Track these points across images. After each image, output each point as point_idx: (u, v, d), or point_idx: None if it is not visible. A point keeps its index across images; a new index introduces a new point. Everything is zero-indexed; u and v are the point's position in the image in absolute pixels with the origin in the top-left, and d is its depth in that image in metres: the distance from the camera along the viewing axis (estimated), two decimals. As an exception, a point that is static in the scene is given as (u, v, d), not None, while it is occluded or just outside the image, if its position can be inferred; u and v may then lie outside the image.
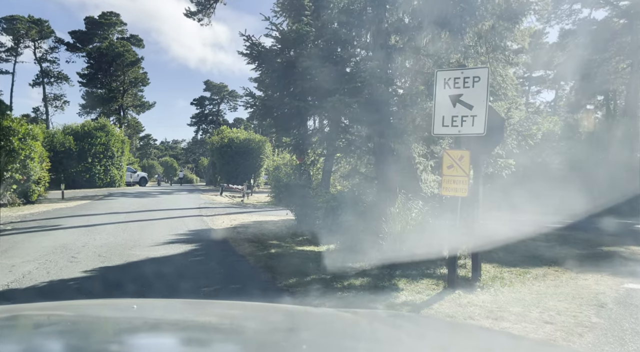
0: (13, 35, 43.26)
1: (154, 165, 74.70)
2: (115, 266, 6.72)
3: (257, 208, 18.78)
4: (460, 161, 5.24)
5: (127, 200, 21.08)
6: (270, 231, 11.17)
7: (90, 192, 26.56)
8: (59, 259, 7.12)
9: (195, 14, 22.11)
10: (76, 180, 29.22)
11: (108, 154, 31.10)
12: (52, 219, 12.81)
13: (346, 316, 1.82)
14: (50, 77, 46.62)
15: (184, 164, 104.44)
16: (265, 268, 6.65)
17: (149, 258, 7.35)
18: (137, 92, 42.67)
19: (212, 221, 13.22)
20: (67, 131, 29.71)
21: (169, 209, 16.67)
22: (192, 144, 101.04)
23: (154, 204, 18.80)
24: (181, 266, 6.97)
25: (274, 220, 13.63)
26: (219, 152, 35.43)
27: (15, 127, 15.29)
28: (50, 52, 46.09)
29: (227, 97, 62.45)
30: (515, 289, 5.64)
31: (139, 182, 44.87)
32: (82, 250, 7.89)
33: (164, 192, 30.26)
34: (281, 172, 22.98)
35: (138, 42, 44.69)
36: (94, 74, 41.03)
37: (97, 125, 31.28)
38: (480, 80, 5.12)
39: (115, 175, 32.20)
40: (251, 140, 35.17)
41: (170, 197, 24.36)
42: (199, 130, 66.29)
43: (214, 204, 20.44)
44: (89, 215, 13.79)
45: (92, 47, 40.53)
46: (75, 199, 20.66)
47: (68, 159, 28.73)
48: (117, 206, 17.22)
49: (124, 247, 8.29)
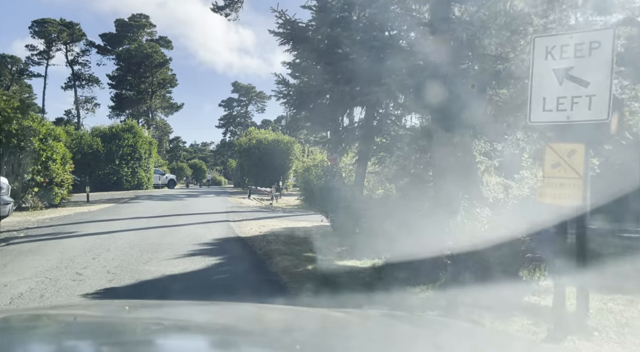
0: (45, 39, 43.79)
1: (183, 167, 74.99)
2: (124, 287, 5.61)
3: (287, 212, 17.62)
4: (570, 158, 3.85)
5: (152, 203, 20.29)
6: (304, 240, 9.94)
7: (117, 194, 26.04)
8: (61, 276, 6.07)
9: (223, 9, 21.14)
10: (104, 182, 28.83)
11: (135, 155, 30.64)
12: (70, 224, 11.96)
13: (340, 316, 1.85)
14: (81, 80, 46.98)
15: (213, 166, 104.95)
16: (306, 292, 5.40)
17: (164, 276, 6.22)
18: (165, 93, 42.42)
19: (239, 227, 12.11)
20: (95, 133, 29.39)
21: (194, 213, 15.69)
22: (220, 146, 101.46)
23: (179, 208, 17.90)
24: (201, 287, 5.81)
25: (307, 227, 12.41)
26: (247, 153, 34.60)
27: (36, 127, 14.61)
28: (82, 55, 46.58)
29: (254, 99, 61.85)
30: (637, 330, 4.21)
31: (167, 184, 44.61)
32: (90, 264, 6.84)
33: (191, 194, 29.55)
34: (311, 174, 21.79)
35: (167, 44, 44.48)
36: (123, 76, 40.99)
37: (125, 127, 30.88)
38: (601, 47, 3.73)
39: (143, 177, 31.72)
40: (279, 141, 34.16)
41: (197, 200, 23.52)
42: (227, 132, 66.01)
43: (241, 207, 19.42)
44: (109, 220, 12.90)
45: (121, 50, 40.49)
46: (100, 202, 20.01)
47: (96, 161, 28.37)
48: (140, 210, 16.36)
49: (138, 261, 7.21)
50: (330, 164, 19.80)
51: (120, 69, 41.36)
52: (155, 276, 6.22)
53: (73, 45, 45.53)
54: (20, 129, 14.19)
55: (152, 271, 6.44)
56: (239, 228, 11.89)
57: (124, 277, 6.08)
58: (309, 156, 22.93)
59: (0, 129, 13.87)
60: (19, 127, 14.18)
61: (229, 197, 26.41)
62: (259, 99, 61.92)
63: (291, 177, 34.74)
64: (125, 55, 39.25)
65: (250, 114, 63.25)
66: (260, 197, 26.35)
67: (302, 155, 23.70)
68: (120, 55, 39.91)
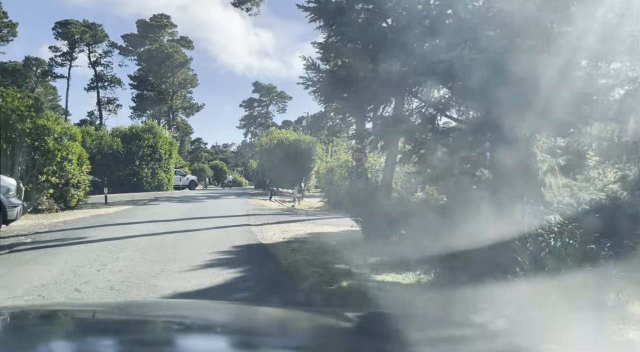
0: (68, 40, 43.96)
1: (204, 168, 74.99)
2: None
3: (310, 215, 16.68)
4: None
5: (171, 205, 19.62)
6: (333, 248, 8.95)
7: (136, 196, 25.54)
8: (57, 293, 5.23)
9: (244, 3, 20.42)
10: (124, 183, 28.44)
11: (155, 156, 30.18)
12: (82, 228, 11.25)
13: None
14: (103, 81, 47.08)
15: (233, 168, 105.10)
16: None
17: (175, 293, 5.32)
18: (186, 93, 42.06)
19: (261, 232, 11.20)
20: (115, 133, 29.04)
21: (213, 216, 14.87)
22: (241, 147, 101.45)
23: (198, 210, 17.14)
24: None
25: (333, 232, 11.43)
26: (268, 154, 33.83)
27: (51, 126, 14.01)
28: (104, 56, 46.66)
29: (275, 99, 61.21)
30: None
31: (188, 185, 44.25)
32: (93, 278, 6.00)
33: (212, 195, 28.90)
34: (335, 175, 20.82)
35: (187, 44, 44.16)
36: (144, 76, 40.78)
37: (145, 127, 30.47)
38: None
39: (163, 178, 31.24)
40: (301, 141, 33.28)
41: (217, 202, 22.79)
42: (248, 133, 65.62)
43: (262, 210, 18.55)
44: (124, 224, 12.16)
45: (142, 50, 40.31)
46: (118, 204, 19.42)
47: (116, 161, 27.99)
48: (158, 213, 15.65)
49: (148, 274, 6.34)
50: (356, 164, 18.80)
51: (142, 69, 41.19)
52: (164, 293, 5.33)
53: (95, 46, 45.74)
54: (34, 127, 13.60)
55: (161, 287, 5.55)
56: (261, 233, 10.98)
57: (128, 296, 5.20)
58: (333, 156, 21.95)
59: (14, 128, 13.32)
60: (32, 126, 13.59)
61: (250, 199, 25.64)
62: (279, 99, 61.24)
63: (313, 178, 33.84)
64: (146, 56, 38.99)
65: (271, 114, 62.71)
66: (281, 199, 25.50)
67: (325, 155, 22.74)
68: (141, 56, 39.67)
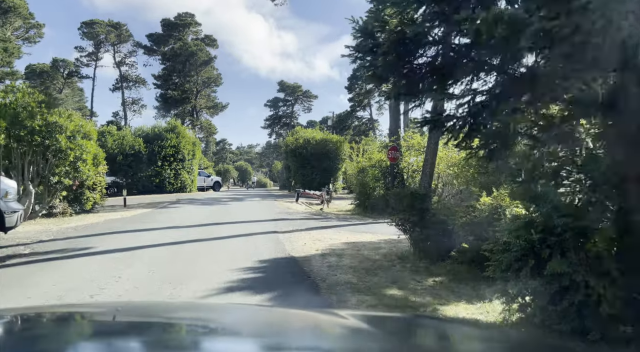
0: (93, 40, 43.79)
1: (229, 169, 74.61)
2: None
3: (342, 220, 15.20)
4: None
5: (193, 209, 18.45)
6: (378, 264, 7.47)
7: (158, 198, 24.60)
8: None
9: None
10: (146, 185, 27.57)
11: (178, 156, 29.23)
12: (91, 236, 10.11)
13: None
14: (128, 81, 46.79)
15: (258, 168, 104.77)
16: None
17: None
18: (210, 93, 41.13)
19: (290, 241, 9.81)
20: (137, 133, 28.22)
21: (237, 221, 13.57)
22: (266, 148, 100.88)
23: (221, 214, 15.90)
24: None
25: (373, 242, 9.93)
26: (294, 154, 32.50)
27: (63, 123, 12.96)
28: (129, 56, 46.38)
29: (301, 98, 59.94)
30: None
31: (212, 186, 43.42)
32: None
33: (236, 198, 27.75)
34: (367, 176, 19.29)
35: (212, 43, 43.30)
36: (167, 75, 40.07)
37: (168, 127, 29.58)
38: None
39: (186, 179, 30.27)
40: (328, 141, 31.84)
41: (241, 205, 21.56)
42: (273, 134, 64.56)
43: (289, 213, 17.19)
44: (138, 231, 10.98)
45: (166, 49, 39.64)
46: (137, 207, 18.37)
47: (137, 162, 27.14)
48: (178, 217, 14.45)
49: (155, 298, 5.01)
50: (391, 164, 17.24)
51: (165, 68, 40.52)
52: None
53: (120, 46, 45.50)
54: (44, 125, 12.57)
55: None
56: (290, 243, 9.58)
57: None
58: (364, 155, 20.41)
59: (23, 126, 12.32)
60: (43, 123, 12.57)
61: (275, 201, 24.36)
62: (305, 98, 59.93)
63: (340, 179, 32.34)
64: (170, 54, 38.20)
65: (296, 113, 61.44)
66: (308, 201, 24.14)
67: (356, 155, 21.21)
68: (165, 54, 38.90)
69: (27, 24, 43.25)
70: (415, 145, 17.90)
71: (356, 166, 20.54)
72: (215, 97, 41.00)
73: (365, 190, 18.74)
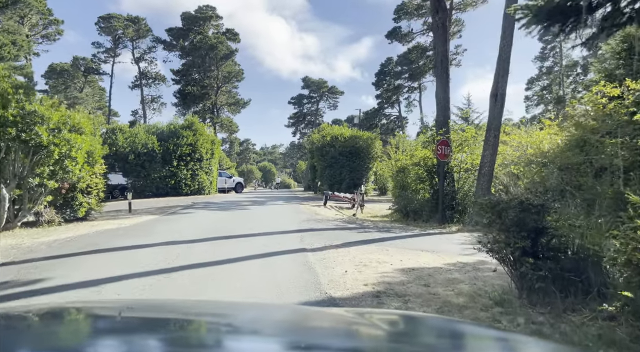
0: (111, 35, 42.10)
1: (252, 170, 72.65)
2: None
3: (382, 230, 12.42)
4: None
5: (206, 215, 15.98)
6: (465, 314, 4.70)
7: (172, 201, 22.32)
8: None
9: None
10: (160, 187, 25.38)
11: (196, 156, 26.95)
12: (62, 257, 7.66)
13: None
14: (148, 79, 45.01)
15: (282, 169, 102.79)
16: None
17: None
18: (231, 88, 38.78)
19: (324, 265, 7.13)
20: (151, 131, 26.07)
21: (255, 233, 10.96)
22: (289, 148, 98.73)
23: (237, 223, 13.36)
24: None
25: (439, 267, 7.15)
26: (320, 152, 29.83)
27: (44, 113, 10.62)
28: (148, 52, 44.47)
29: (326, 95, 57.12)
30: None
31: (234, 188, 41.25)
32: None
33: (257, 200, 25.26)
34: (408, 176, 16.49)
35: (234, 37, 40.86)
36: (186, 71, 37.88)
37: (184, 124, 27.36)
38: None
39: (204, 180, 27.97)
40: (358, 138, 29.08)
41: (262, 210, 19.00)
42: (297, 132, 61.93)
43: (318, 221, 14.52)
44: (126, 249, 8.49)
45: (186, 44, 37.36)
46: (143, 213, 16.03)
47: (151, 162, 24.95)
48: (185, 227, 11.96)
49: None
50: (439, 161, 14.37)
51: (185, 63, 38.28)
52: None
53: (139, 41, 43.63)
54: (20, 115, 10.27)
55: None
56: (325, 268, 6.91)
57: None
58: (404, 152, 17.57)
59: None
60: (19, 112, 10.26)
61: (301, 205, 21.73)
62: (330, 94, 57.04)
63: (370, 180, 29.52)
64: (189, 48, 35.82)
65: (321, 111, 58.54)
66: (337, 205, 21.46)
67: (394, 152, 18.35)
68: (184, 48, 36.53)
69: (45, 20, 42.01)
70: (468, 139, 14.99)
71: (394, 165, 17.68)
72: (237, 93, 38.56)
73: (407, 193, 15.91)
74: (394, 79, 63.56)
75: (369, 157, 28.61)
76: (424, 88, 62.79)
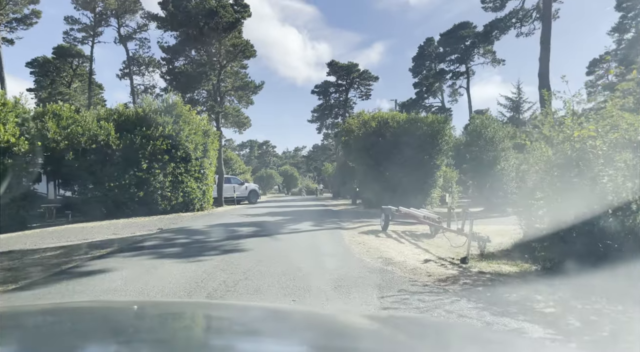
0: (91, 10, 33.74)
1: (272, 174, 63.73)
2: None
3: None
4: None
5: (153, 278, 6.66)
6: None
7: (119, 227, 13.32)
8: None
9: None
10: (121, 201, 16.37)
11: (178, 154, 17.90)
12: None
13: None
14: (139, 65, 36.80)
15: (305, 173, 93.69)
16: None
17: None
18: (238, 68, 29.98)
19: None
20: (102, 116, 17.12)
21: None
22: (312, 151, 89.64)
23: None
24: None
25: None
26: (361, 146, 20.39)
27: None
28: (139, 31, 36.10)
29: (356, 81, 47.79)
30: None
31: (247, 197, 32.28)
32: None
33: (266, 223, 16.00)
34: (618, 177, 7.14)
35: (243, 9, 32.10)
36: (179, 46, 29.36)
37: (160, 108, 18.41)
38: None
39: (193, 190, 18.82)
40: (422, 123, 19.64)
41: (278, 247, 9.51)
42: (322, 128, 52.65)
43: (397, 282, 5.00)
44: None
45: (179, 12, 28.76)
46: (33, 264, 6.96)
47: (104, 163, 15.99)
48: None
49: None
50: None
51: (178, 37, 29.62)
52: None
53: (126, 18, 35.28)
54: None
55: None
56: None
57: None
58: (586, 125, 7.96)
59: None
60: None
61: (345, 231, 12.28)
62: (362, 80, 47.67)
63: (438, 185, 19.88)
64: (182, 17, 27.32)
65: (351, 101, 49.09)
66: (408, 230, 12.11)
67: (549, 129, 9.06)
68: (174, 16, 27.93)
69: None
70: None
71: (544, 154, 8.19)
72: (246, 75, 29.60)
73: (609, 221, 6.39)
74: (436, 62, 53.71)
75: (440, 152, 19.08)
76: (472, 73, 52.74)
